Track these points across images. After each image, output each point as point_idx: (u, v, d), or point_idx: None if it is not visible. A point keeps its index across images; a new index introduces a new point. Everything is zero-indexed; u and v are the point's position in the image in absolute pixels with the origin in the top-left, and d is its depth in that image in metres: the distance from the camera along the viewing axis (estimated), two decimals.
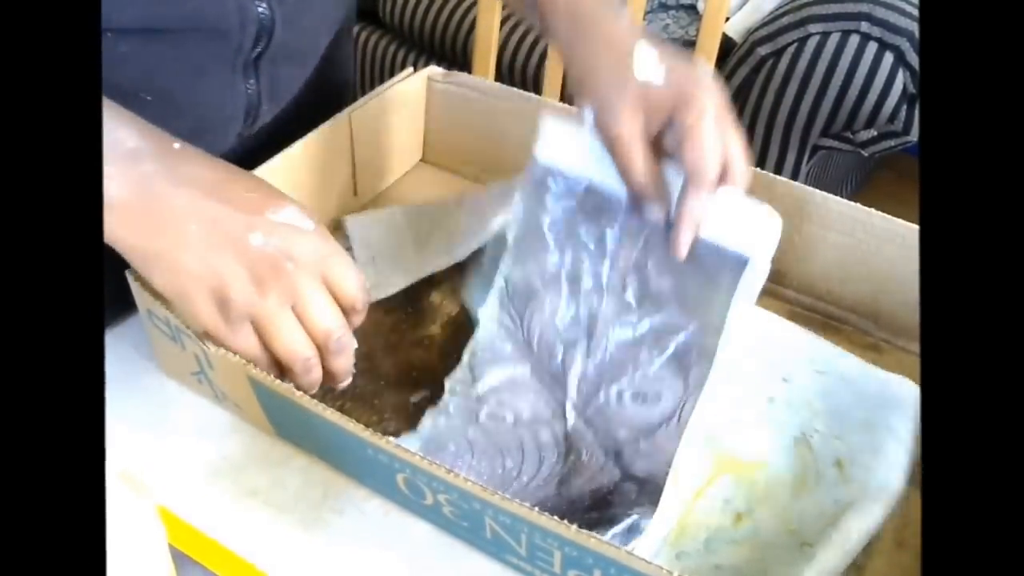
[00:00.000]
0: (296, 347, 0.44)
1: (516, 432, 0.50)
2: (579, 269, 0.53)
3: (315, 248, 0.44)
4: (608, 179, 0.52)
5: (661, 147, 0.50)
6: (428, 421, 0.49)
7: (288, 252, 0.43)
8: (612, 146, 0.50)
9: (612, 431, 0.49)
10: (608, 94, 0.49)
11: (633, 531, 0.44)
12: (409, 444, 0.46)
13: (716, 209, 0.49)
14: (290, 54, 0.59)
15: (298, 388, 0.43)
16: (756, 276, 0.50)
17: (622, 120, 0.49)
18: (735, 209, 0.49)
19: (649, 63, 0.49)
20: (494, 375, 0.51)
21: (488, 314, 0.53)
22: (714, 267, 0.50)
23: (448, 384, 0.51)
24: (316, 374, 0.45)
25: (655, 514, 0.45)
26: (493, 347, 0.52)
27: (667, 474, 0.47)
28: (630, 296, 0.52)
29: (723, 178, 0.48)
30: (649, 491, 0.46)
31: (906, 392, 0.51)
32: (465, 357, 0.52)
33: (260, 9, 0.53)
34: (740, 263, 0.49)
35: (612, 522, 0.44)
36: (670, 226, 0.50)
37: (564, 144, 0.53)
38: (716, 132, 0.47)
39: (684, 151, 0.47)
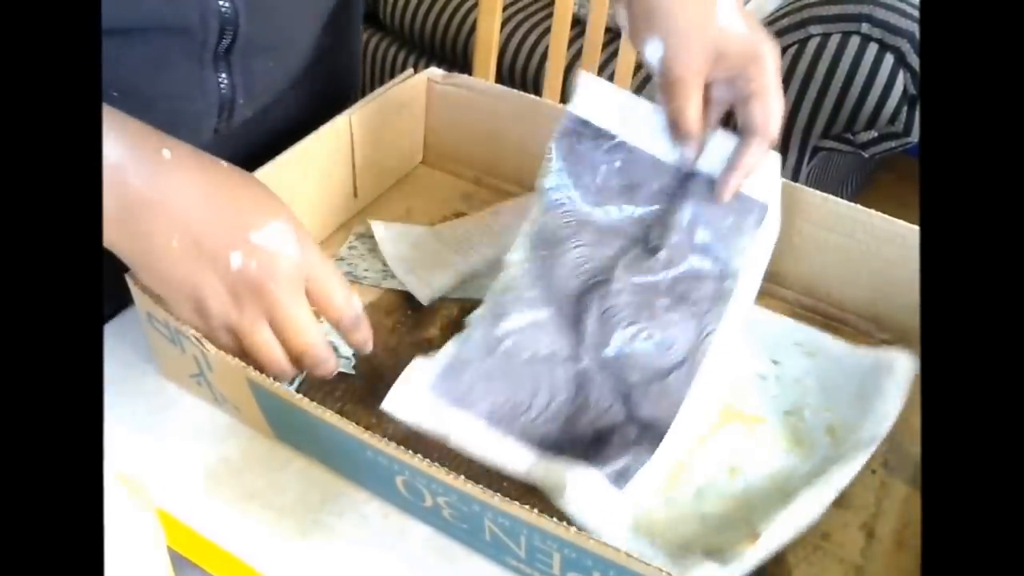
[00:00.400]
0: (271, 361, 0.45)
1: (531, 368, 0.51)
2: (605, 219, 0.55)
3: (297, 268, 0.44)
4: (638, 135, 0.54)
5: (708, 94, 0.51)
6: (452, 347, 0.52)
7: (269, 273, 0.44)
8: (671, 86, 0.50)
9: (624, 375, 0.51)
10: (686, 32, 0.49)
11: (623, 475, 0.46)
12: (428, 369, 0.50)
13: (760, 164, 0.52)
14: (264, 47, 0.57)
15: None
16: (772, 222, 0.53)
17: (692, 63, 0.49)
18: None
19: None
20: (516, 318, 0.53)
21: (516, 258, 0.55)
22: (739, 213, 0.52)
23: (470, 318, 0.53)
24: (290, 376, 0.47)
25: (650, 458, 0.47)
26: (518, 290, 0.54)
27: (672, 419, 0.48)
28: (652, 243, 0.54)
29: None
30: (650, 435, 0.48)
31: (895, 360, 0.53)
32: (489, 297, 0.54)
33: (221, 3, 0.52)
34: (763, 209, 0.52)
35: (606, 461, 0.46)
36: (696, 175, 0.53)
37: (598, 100, 0.55)
38: (780, 95, 0.50)
39: (753, 109, 0.50)
